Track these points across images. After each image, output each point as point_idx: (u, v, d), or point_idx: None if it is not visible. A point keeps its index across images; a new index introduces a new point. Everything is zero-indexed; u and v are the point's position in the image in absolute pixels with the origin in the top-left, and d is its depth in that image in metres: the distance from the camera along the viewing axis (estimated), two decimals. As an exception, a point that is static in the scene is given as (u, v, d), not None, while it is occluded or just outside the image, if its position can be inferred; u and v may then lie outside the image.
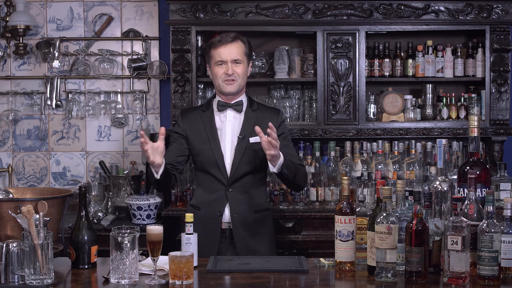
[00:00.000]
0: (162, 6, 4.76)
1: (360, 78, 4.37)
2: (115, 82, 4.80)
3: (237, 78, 3.19)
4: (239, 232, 3.18)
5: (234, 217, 3.17)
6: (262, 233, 3.24)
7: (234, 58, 3.18)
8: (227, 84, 3.19)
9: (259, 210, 3.24)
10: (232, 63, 3.18)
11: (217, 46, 3.19)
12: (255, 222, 3.21)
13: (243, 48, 3.22)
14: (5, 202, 2.62)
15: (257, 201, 3.23)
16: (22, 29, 4.63)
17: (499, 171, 4.19)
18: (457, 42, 4.64)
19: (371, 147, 4.36)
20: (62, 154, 4.83)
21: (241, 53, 3.21)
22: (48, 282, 2.46)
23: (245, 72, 3.24)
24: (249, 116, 3.25)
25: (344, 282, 2.58)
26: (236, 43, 3.20)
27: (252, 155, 3.19)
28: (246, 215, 3.19)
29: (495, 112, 4.40)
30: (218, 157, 3.19)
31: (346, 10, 4.34)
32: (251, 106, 3.30)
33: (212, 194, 3.21)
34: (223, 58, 3.18)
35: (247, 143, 3.19)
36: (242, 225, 3.18)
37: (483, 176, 2.72)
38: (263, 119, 3.20)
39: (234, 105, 3.25)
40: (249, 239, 3.19)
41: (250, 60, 3.29)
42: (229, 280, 2.55)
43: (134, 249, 2.51)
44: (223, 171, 3.19)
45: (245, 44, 3.24)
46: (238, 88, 3.22)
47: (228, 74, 3.17)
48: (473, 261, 2.49)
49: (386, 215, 2.50)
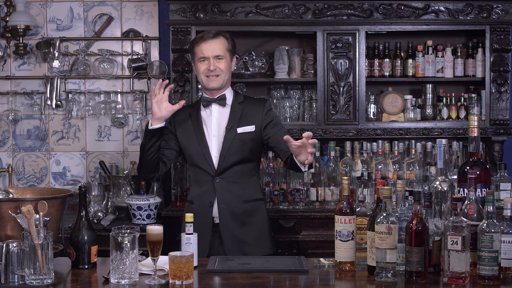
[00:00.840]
0: (162, 6, 4.76)
1: (360, 78, 4.37)
2: (115, 82, 4.80)
3: (220, 72, 3.24)
4: (225, 223, 3.21)
5: (221, 207, 3.21)
6: (252, 224, 3.25)
7: (215, 54, 3.23)
8: (210, 80, 3.25)
9: (249, 200, 3.26)
10: (214, 59, 3.23)
11: (199, 43, 3.25)
12: (243, 212, 3.23)
13: (225, 44, 3.26)
14: (5, 202, 2.62)
15: (247, 191, 3.26)
16: (22, 29, 4.63)
17: (499, 171, 4.19)
18: (457, 42, 4.64)
19: (371, 147, 4.36)
20: (62, 154, 4.83)
21: (223, 48, 3.25)
22: (48, 282, 2.46)
23: (228, 68, 3.27)
24: (235, 109, 3.29)
25: (344, 282, 2.58)
26: (218, 39, 3.25)
27: (240, 145, 3.23)
28: (234, 206, 3.22)
29: (495, 112, 4.40)
30: (204, 149, 3.25)
31: (346, 10, 4.34)
32: (237, 99, 3.34)
33: (202, 187, 3.26)
34: (205, 55, 3.23)
35: (234, 133, 3.23)
36: (229, 216, 3.21)
37: (483, 176, 2.72)
38: (249, 110, 3.29)
39: (217, 100, 3.29)
40: (236, 229, 3.21)
41: (233, 55, 3.32)
42: (229, 280, 2.55)
43: (134, 249, 2.51)
44: (209, 162, 3.24)
45: (228, 40, 3.28)
46: (222, 82, 3.27)
47: (210, 70, 3.22)
48: (473, 261, 2.49)
49: (386, 215, 2.50)
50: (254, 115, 3.28)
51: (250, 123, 3.26)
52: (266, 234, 3.31)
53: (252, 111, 3.29)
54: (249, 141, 3.24)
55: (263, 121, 3.27)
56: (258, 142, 3.28)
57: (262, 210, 3.33)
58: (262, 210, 3.33)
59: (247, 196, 3.26)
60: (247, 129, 3.25)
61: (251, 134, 3.25)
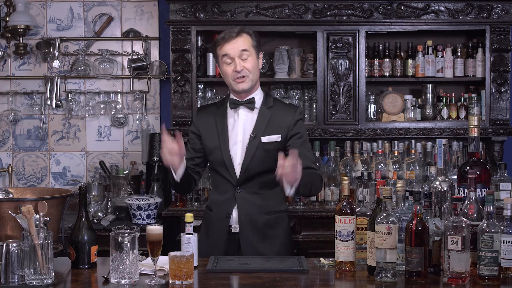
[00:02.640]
0: (162, 6, 4.76)
1: (360, 78, 4.37)
2: (115, 82, 4.80)
3: (248, 73, 3.02)
4: (246, 235, 3.03)
5: (242, 219, 3.03)
6: (273, 237, 3.06)
7: (240, 50, 3.00)
8: (238, 82, 3.02)
9: (271, 212, 3.07)
10: (239, 58, 3.00)
11: (222, 44, 3.03)
12: (265, 225, 3.05)
13: (250, 41, 3.04)
14: (5, 202, 2.62)
15: (269, 202, 3.06)
16: (22, 29, 4.63)
17: (499, 171, 4.19)
18: (457, 42, 4.64)
19: (371, 147, 4.36)
20: (62, 154, 4.83)
21: (248, 45, 3.02)
22: (48, 282, 2.46)
23: (255, 66, 3.04)
24: (263, 114, 3.07)
25: (344, 282, 2.58)
26: (241, 37, 3.02)
27: (264, 155, 3.01)
28: (255, 217, 3.03)
29: (495, 112, 4.40)
30: (226, 157, 3.05)
31: (346, 10, 4.34)
32: (266, 102, 3.11)
33: (222, 195, 3.08)
34: (230, 54, 3.01)
35: (258, 143, 3.03)
36: (250, 228, 3.03)
37: (483, 176, 2.72)
38: (277, 117, 3.07)
39: (246, 103, 3.08)
40: (257, 243, 3.03)
41: (259, 52, 3.09)
42: (229, 280, 2.55)
43: (134, 249, 2.51)
44: (231, 171, 3.05)
45: (251, 36, 3.05)
46: (251, 84, 3.04)
47: (237, 71, 3.00)
48: (473, 261, 2.49)
49: (386, 215, 2.50)
50: (282, 123, 3.05)
51: (276, 132, 3.04)
52: (286, 247, 3.11)
53: (280, 119, 3.05)
54: (273, 151, 2.97)
55: (290, 131, 3.05)
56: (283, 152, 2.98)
57: (285, 222, 3.14)
58: (285, 223, 3.14)
59: (269, 208, 3.06)
60: (272, 138, 3.03)
61: (276, 144, 3.03)
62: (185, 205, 4.26)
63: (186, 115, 4.37)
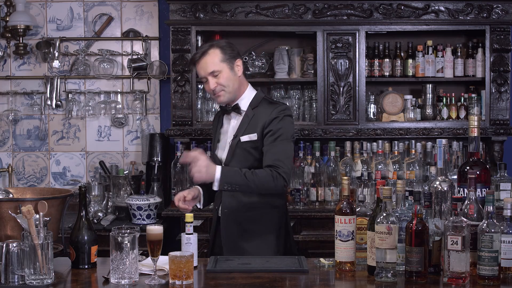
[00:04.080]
0: (162, 6, 4.76)
1: (360, 78, 4.37)
2: (115, 82, 4.80)
3: (222, 88, 3.08)
4: (226, 228, 3.15)
5: (224, 212, 3.15)
6: (254, 233, 3.12)
7: (209, 72, 3.07)
8: (216, 97, 3.13)
9: (255, 208, 3.11)
10: (210, 76, 3.08)
11: (194, 64, 3.15)
12: (247, 220, 3.12)
13: (217, 56, 3.07)
14: (5, 202, 2.62)
15: (253, 199, 3.10)
16: (22, 29, 4.63)
17: (499, 171, 4.19)
18: (457, 42, 4.64)
19: (371, 147, 4.36)
20: (62, 154, 4.83)
21: (216, 62, 3.06)
22: (48, 282, 2.46)
23: (229, 78, 3.09)
24: (248, 115, 3.15)
25: (344, 282, 2.58)
26: (208, 56, 3.07)
27: (242, 154, 3.10)
28: (236, 212, 3.13)
29: (495, 112, 4.40)
30: (215, 156, 3.23)
31: (346, 10, 4.34)
32: (253, 103, 3.17)
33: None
34: (201, 75, 3.12)
35: (238, 142, 3.12)
36: (230, 222, 3.13)
37: (483, 176, 2.72)
38: (258, 117, 3.12)
39: (233, 109, 3.18)
40: (236, 236, 3.12)
41: (233, 61, 3.10)
42: (229, 280, 2.55)
43: (134, 249, 2.51)
44: None
45: (221, 50, 3.09)
46: (229, 95, 3.12)
47: (212, 90, 3.10)
48: (473, 261, 2.49)
49: (386, 215, 2.50)
50: (259, 122, 3.11)
51: (253, 131, 3.11)
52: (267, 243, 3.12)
53: (259, 118, 3.11)
54: (252, 149, 3.09)
55: (265, 129, 3.09)
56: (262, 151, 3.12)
57: (273, 219, 3.15)
58: (273, 220, 3.15)
59: (253, 204, 3.10)
60: (250, 137, 3.10)
61: (254, 143, 3.09)
62: (185, 205, 4.26)
63: (186, 115, 4.37)
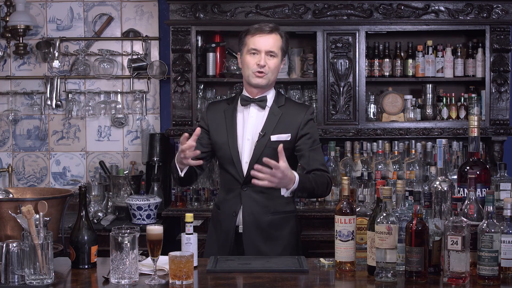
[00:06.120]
0: (162, 6, 4.76)
1: (360, 78, 4.37)
2: (115, 82, 4.80)
3: (268, 71, 3.00)
4: (249, 235, 3.01)
5: (246, 218, 3.01)
6: (277, 238, 3.03)
7: (269, 49, 2.99)
8: (257, 76, 3.00)
9: (276, 212, 3.04)
10: (266, 54, 2.99)
11: (254, 34, 3.01)
12: (270, 225, 3.02)
13: (280, 42, 3.03)
14: (5, 202, 2.62)
15: (275, 202, 3.02)
16: (22, 29, 4.63)
17: (499, 171, 4.19)
18: (457, 42, 4.64)
19: (371, 147, 4.36)
20: (62, 154, 4.83)
21: (277, 46, 3.02)
22: (48, 282, 2.46)
23: (277, 67, 3.04)
24: (274, 112, 3.05)
25: (344, 282, 2.58)
26: (274, 35, 3.01)
27: (272, 153, 2.89)
28: (259, 217, 3.01)
29: (495, 112, 4.40)
30: (234, 154, 3.02)
31: (346, 10, 4.34)
32: (278, 101, 3.09)
33: (229, 193, 3.07)
34: (258, 47, 2.99)
35: (267, 141, 3.00)
36: (254, 227, 3.01)
37: (483, 176, 2.72)
38: (288, 116, 3.05)
39: (257, 101, 3.06)
40: (260, 243, 3.01)
41: (284, 56, 3.10)
42: (229, 280, 2.55)
43: (134, 249, 2.51)
44: (239, 169, 3.02)
45: (283, 38, 3.05)
46: (267, 82, 3.03)
47: (260, 65, 2.98)
48: (473, 261, 2.49)
49: (386, 215, 2.50)
50: (292, 122, 3.03)
51: (286, 131, 3.02)
52: (293, 250, 3.08)
53: (290, 118, 3.03)
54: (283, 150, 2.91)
55: (300, 130, 3.03)
56: (293, 151, 3.04)
57: (291, 223, 3.09)
58: (291, 224, 3.09)
59: (275, 208, 3.03)
60: (282, 137, 3.00)
61: (285, 143, 2.96)
62: (185, 205, 4.26)
63: (186, 115, 4.37)
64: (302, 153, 3.02)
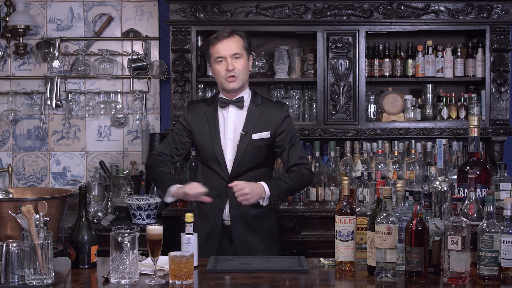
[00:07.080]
0: (162, 6, 4.76)
1: (360, 78, 4.37)
2: (115, 82, 4.80)
3: (238, 73, 3.16)
4: (237, 228, 3.19)
5: (233, 213, 3.18)
6: (262, 230, 3.22)
7: (233, 53, 3.15)
8: (229, 81, 3.16)
9: (260, 206, 3.17)
10: (231, 58, 3.15)
11: (215, 43, 3.18)
12: (254, 218, 3.20)
13: (241, 42, 3.19)
14: (5, 202, 2.62)
15: None
16: (22, 29, 4.63)
17: (499, 171, 4.19)
18: (457, 42, 4.64)
19: (371, 147, 4.36)
20: (62, 154, 4.83)
21: (240, 47, 3.17)
22: (48, 282, 2.46)
23: (245, 67, 3.20)
24: (252, 112, 3.22)
25: (344, 282, 2.58)
26: (233, 38, 3.18)
27: (255, 151, 3.18)
28: (245, 211, 3.17)
29: (495, 112, 4.40)
30: (218, 153, 3.19)
31: (346, 10, 4.34)
32: (255, 101, 3.26)
33: (214, 190, 3.18)
34: (222, 54, 3.16)
35: (249, 140, 3.18)
36: (241, 221, 3.19)
37: (483, 176, 2.72)
38: (266, 115, 3.22)
39: (235, 102, 3.22)
40: (247, 235, 3.19)
41: (250, 54, 3.24)
42: (229, 280, 2.55)
43: (134, 249, 2.51)
44: (223, 167, 3.19)
45: (243, 38, 3.21)
46: (241, 83, 3.19)
47: (228, 70, 3.14)
48: (473, 261, 2.49)
49: (386, 215, 2.50)
50: (270, 120, 3.21)
51: (266, 129, 3.20)
52: (276, 239, 3.32)
53: (268, 116, 3.22)
54: (264, 147, 3.20)
55: (278, 127, 3.21)
56: (273, 147, 3.24)
57: (273, 214, 3.30)
58: (273, 215, 3.30)
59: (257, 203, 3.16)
60: (262, 135, 3.20)
61: (266, 140, 3.20)
62: (185, 205, 4.26)
63: (186, 115, 4.37)
64: (282, 150, 3.22)
